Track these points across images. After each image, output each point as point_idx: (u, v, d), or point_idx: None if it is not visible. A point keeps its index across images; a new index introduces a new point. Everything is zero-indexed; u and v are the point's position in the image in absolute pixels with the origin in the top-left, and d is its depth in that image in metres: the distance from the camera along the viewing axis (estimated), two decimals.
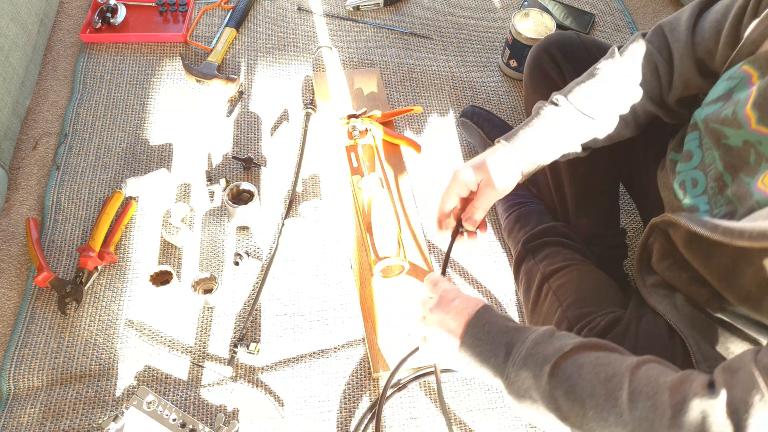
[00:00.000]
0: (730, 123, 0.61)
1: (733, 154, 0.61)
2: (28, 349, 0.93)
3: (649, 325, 0.71)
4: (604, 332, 0.72)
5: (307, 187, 1.14)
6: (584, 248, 0.91)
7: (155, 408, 0.85)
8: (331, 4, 1.47)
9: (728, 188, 0.62)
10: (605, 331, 0.73)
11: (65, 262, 1.02)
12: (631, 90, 0.76)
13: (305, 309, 1.00)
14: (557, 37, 0.93)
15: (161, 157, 1.17)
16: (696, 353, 0.66)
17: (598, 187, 0.94)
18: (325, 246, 1.07)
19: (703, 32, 0.70)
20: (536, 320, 0.86)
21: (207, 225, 1.08)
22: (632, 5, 1.54)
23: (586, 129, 0.77)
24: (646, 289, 0.74)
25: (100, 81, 1.27)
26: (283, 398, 0.91)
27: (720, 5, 0.69)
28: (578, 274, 0.83)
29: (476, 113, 1.18)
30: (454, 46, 1.40)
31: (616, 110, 0.77)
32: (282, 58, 1.35)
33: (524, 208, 1.02)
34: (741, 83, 0.61)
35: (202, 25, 1.40)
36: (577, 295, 0.80)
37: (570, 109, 0.76)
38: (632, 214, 1.15)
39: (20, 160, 1.15)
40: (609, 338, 0.71)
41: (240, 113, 1.24)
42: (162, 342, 0.95)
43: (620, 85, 0.76)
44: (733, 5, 0.65)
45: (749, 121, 0.58)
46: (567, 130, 0.76)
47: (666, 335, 0.69)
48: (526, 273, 0.91)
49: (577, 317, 0.77)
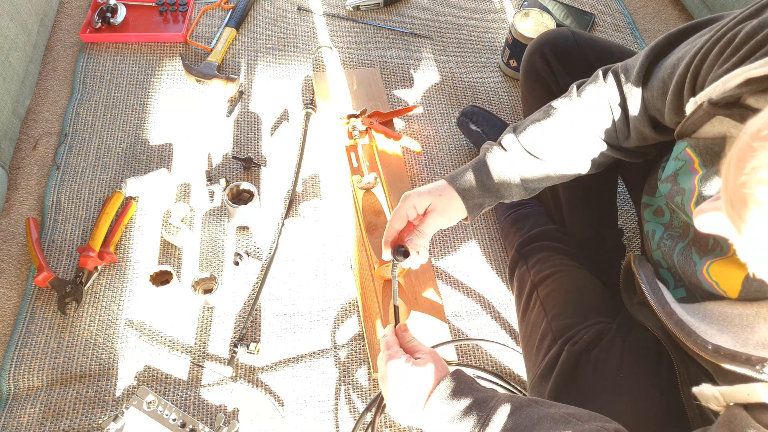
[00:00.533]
0: (683, 211, 0.61)
1: (696, 232, 0.61)
2: (28, 349, 0.93)
3: (638, 340, 0.71)
4: (588, 347, 0.72)
5: (307, 187, 1.14)
6: (578, 252, 0.90)
7: (155, 408, 0.85)
8: (331, 4, 1.47)
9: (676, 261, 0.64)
10: (589, 345, 0.72)
11: (65, 262, 1.02)
12: (586, 135, 0.72)
13: (305, 309, 1.00)
14: (550, 36, 0.92)
15: (161, 157, 1.17)
16: (682, 373, 0.66)
17: (594, 188, 0.94)
18: (325, 246, 1.07)
19: (652, 89, 0.66)
20: (525, 328, 0.86)
21: (207, 225, 1.08)
22: (632, 5, 1.54)
23: (534, 170, 0.73)
24: (633, 307, 0.75)
25: (100, 81, 1.27)
26: (283, 398, 0.91)
27: (668, 62, 0.64)
28: (566, 281, 0.83)
29: (476, 113, 1.18)
30: (454, 46, 1.40)
31: (568, 153, 0.73)
32: (282, 57, 1.35)
33: (521, 210, 1.02)
34: (685, 167, 0.60)
35: (202, 25, 1.40)
36: (563, 305, 0.80)
37: (518, 151, 0.73)
38: (632, 214, 1.15)
39: (20, 160, 1.15)
40: (594, 353, 0.71)
41: (240, 113, 1.24)
42: (162, 342, 0.95)
43: (574, 130, 0.72)
44: (678, 66, 0.61)
45: (693, 216, 0.59)
46: (511, 175, 0.73)
47: (653, 351, 0.69)
48: (518, 279, 0.91)
49: (561, 329, 0.77)
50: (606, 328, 0.75)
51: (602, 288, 0.84)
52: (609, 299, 0.83)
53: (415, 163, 1.19)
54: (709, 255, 0.59)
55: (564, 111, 0.72)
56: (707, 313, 0.57)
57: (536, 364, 0.78)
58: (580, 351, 0.72)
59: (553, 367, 0.73)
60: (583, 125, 0.71)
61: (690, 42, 0.61)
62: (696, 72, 0.57)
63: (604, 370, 0.70)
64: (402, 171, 1.16)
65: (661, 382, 0.67)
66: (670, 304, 0.61)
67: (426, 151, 1.21)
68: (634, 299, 0.75)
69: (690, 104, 0.57)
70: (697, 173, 0.58)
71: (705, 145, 0.57)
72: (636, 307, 0.74)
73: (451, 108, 1.28)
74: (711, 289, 0.58)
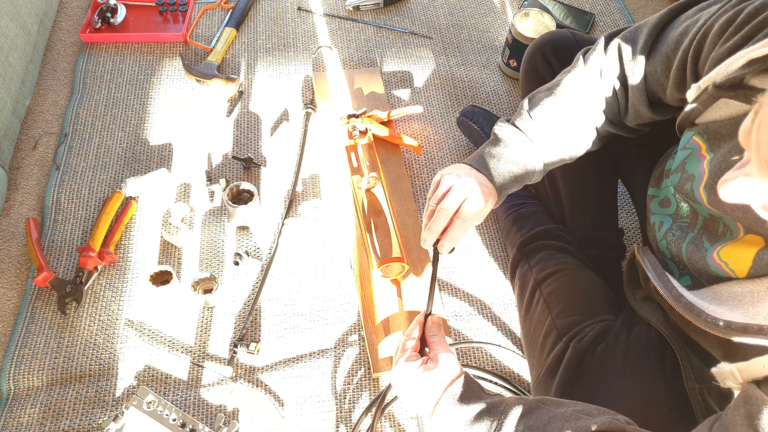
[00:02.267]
0: (692, 198, 0.62)
1: (705, 220, 0.62)
2: (28, 349, 0.93)
3: (641, 336, 0.72)
4: (593, 344, 0.73)
5: (307, 187, 1.14)
6: (579, 251, 0.91)
7: (155, 408, 0.85)
8: (331, 4, 1.47)
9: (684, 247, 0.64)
10: (594, 342, 0.73)
11: (65, 262, 1.02)
12: (594, 111, 0.73)
13: (305, 309, 1.00)
14: (551, 37, 0.92)
15: (161, 157, 1.17)
16: (686, 367, 0.66)
17: (594, 187, 0.94)
18: (325, 246, 1.07)
19: (655, 64, 0.66)
20: (528, 327, 0.86)
21: (207, 225, 1.08)
22: (632, 5, 1.54)
23: (553, 155, 0.75)
24: (636, 302, 0.75)
25: (100, 81, 1.27)
26: (283, 398, 0.91)
27: (671, 37, 0.64)
28: (570, 279, 0.83)
29: (476, 113, 1.18)
30: (454, 46, 1.40)
31: (580, 133, 0.75)
32: (282, 57, 1.35)
33: (522, 209, 1.02)
34: (692, 155, 0.61)
35: (202, 24, 1.40)
36: (567, 303, 0.80)
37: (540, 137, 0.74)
38: (632, 214, 1.15)
39: (20, 160, 1.15)
40: (599, 350, 0.72)
41: (240, 113, 1.24)
42: (162, 342, 0.95)
43: (584, 107, 0.73)
44: (681, 41, 0.61)
45: (703, 201, 0.59)
46: (536, 164, 0.75)
47: (657, 347, 0.70)
48: (520, 278, 0.92)
49: (565, 326, 0.77)
50: (611, 325, 0.75)
51: (605, 286, 0.84)
52: (612, 297, 0.83)
53: (415, 163, 1.19)
54: (720, 240, 0.59)
55: (569, 84, 0.73)
56: (716, 295, 0.58)
57: (541, 362, 0.78)
58: (585, 347, 0.72)
59: (559, 363, 0.74)
60: (591, 101, 0.73)
61: (692, 15, 0.62)
62: (698, 48, 0.58)
63: (610, 365, 0.70)
64: (402, 171, 1.16)
65: (665, 376, 0.67)
66: (677, 289, 0.62)
67: (426, 151, 1.21)
68: (638, 294, 0.75)
69: (693, 90, 0.58)
70: (705, 158, 0.58)
71: (713, 129, 0.57)
72: (639, 303, 0.74)
73: (451, 108, 1.28)
74: (719, 270, 0.59)
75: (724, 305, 0.55)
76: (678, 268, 0.68)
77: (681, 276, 0.68)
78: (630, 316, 0.76)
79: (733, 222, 0.58)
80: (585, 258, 0.90)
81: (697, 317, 0.57)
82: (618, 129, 0.76)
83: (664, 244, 0.70)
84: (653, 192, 0.75)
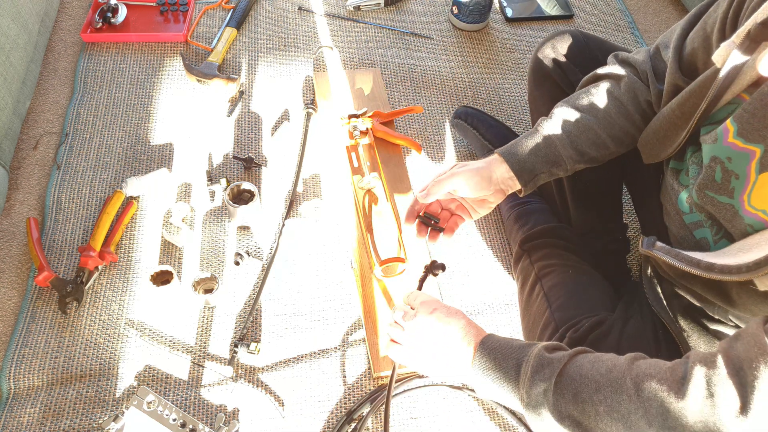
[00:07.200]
0: (707, 138, 0.61)
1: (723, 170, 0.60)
2: (28, 348, 0.93)
3: (636, 328, 0.72)
4: (588, 332, 0.73)
5: (308, 187, 1.14)
6: (581, 249, 0.91)
7: (155, 408, 0.85)
8: (332, 4, 1.47)
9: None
10: (589, 331, 0.73)
11: (66, 262, 1.02)
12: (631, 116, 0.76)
13: (305, 309, 1.00)
14: (560, 35, 0.92)
15: (162, 156, 1.17)
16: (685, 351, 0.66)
17: (598, 184, 0.94)
18: (326, 246, 1.07)
19: (694, 43, 0.66)
20: (527, 320, 0.87)
21: (207, 225, 1.08)
22: (632, 5, 1.54)
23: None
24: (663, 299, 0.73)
25: (100, 81, 1.27)
26: (283, 398, 0.91)
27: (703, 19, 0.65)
28: (570, 276, 0.84)
29: (470, 114, 1.18)
30: (454, 46, 1.40)
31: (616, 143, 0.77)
32: (283, 57, 1.35)
33: (526, 206, 1.02)
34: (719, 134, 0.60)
35: (203, 24, 1.40)
36: (567, 298, 0.81)
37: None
38: (633, 213, 1.15)
39: (21, 159, 1.15)
40: (591, 338, 0.72)
41: (241, 113, 1.24)
42: (162, 342, 0.95)
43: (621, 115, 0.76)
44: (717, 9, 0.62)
45: (727, 134, 0.57)
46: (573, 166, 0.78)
47: (651, 339, 0.70)
48: (522, 272, 0.92)
49: (563, 319, 0.78)
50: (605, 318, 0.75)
51: (606, 284, 0.84)
52: (613, 295, 0.83)
53: (415, 163, 1.19)
54: (730, 187, 0.58)
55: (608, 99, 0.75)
56: (743, 246, 0.56)
57: None
58: (580, 336, 0.73)
59: None
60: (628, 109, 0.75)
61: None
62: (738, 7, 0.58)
63: (602, 350, 0.70)
64: (402, 171, 1.16)
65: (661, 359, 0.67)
66: (692, 255, 0.59)
67: (426, 151, 1.21)
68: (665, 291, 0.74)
69: (723, 47, 0.56)
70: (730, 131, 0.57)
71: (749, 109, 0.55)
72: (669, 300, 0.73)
73: (451, 108, 1.28)
74: (755, 219, 0.56)
75: (753, 252, 0.53)
76: (712, 231, 0.65)
77: (716, 242, 0.64)
78: (626, 308, 0.76)
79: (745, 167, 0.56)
80: (587, 256, 0.90)
81: (719, 272, 0.54)
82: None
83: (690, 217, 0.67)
84: (675, 165, 0.73)
